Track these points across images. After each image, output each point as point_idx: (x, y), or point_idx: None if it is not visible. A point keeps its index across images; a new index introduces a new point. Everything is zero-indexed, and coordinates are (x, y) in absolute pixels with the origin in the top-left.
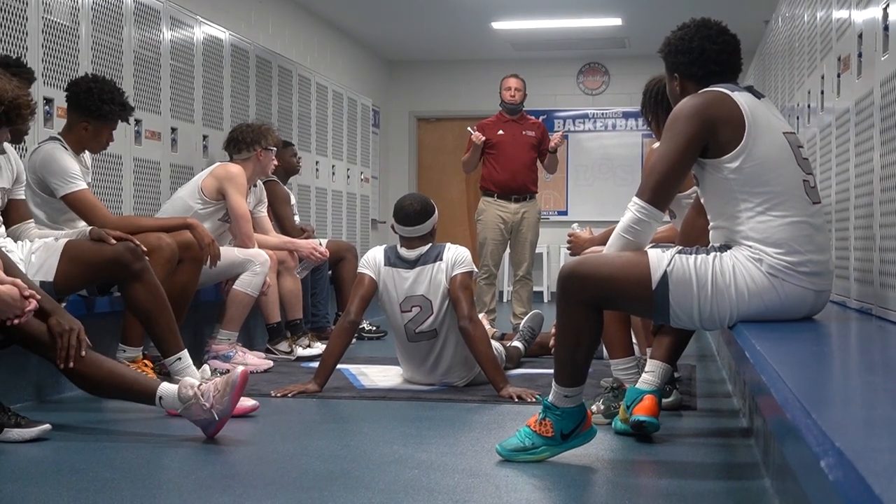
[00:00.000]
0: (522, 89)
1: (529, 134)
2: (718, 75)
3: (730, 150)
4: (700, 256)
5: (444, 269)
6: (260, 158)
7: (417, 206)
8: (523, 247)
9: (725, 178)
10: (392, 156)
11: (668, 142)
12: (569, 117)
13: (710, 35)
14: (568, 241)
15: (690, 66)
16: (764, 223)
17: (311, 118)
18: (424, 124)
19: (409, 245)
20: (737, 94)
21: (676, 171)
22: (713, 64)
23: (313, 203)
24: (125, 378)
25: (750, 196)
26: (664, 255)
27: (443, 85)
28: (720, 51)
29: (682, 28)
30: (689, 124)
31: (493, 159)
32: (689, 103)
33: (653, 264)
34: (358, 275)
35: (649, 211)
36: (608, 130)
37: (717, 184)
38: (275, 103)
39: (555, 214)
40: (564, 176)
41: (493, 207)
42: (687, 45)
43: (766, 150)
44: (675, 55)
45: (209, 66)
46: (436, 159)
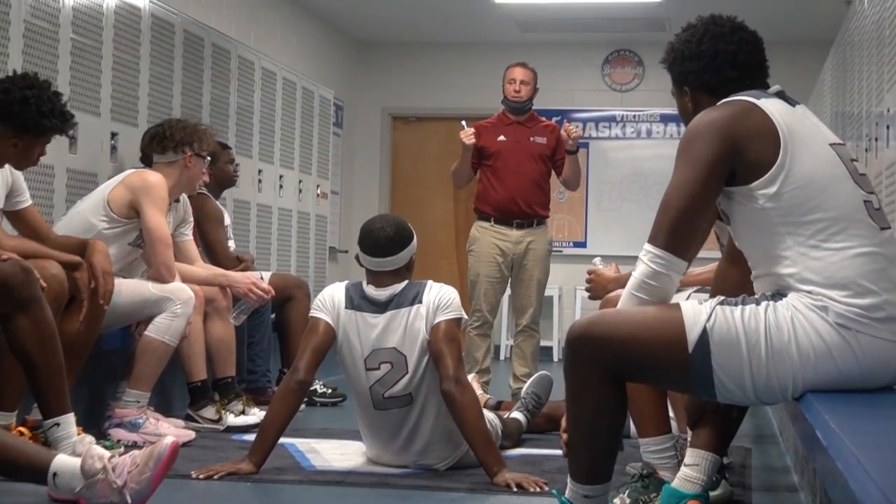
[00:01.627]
0: (531, 83)
1: (539, 140)
2: (738, 82)
3: (763, 173)
4: (748, 307)
5: (423, 315)
6: (188, 165)
7: (390, 230)
8: (528, 287)
9: (762, 208)
10: (359, 165)
11: (684, 169)
12: (590, 120)
13: (723, 33)
14: (587, 280)
15: (702, 74)
16: (821, 260)
17: (254, 113)
18: (402, 125)
19: (379, 282)
20: (765, 102)
21: (697, 206)
22: (729, 68)
23: (254, 225)
24: (5, 446)
25: (797, 228)
26: (702, 308)
27: (427, 75)
28: (737, 51)
29: (687, 29)
30: (709, 144)
31: (491, 172)
32: (706, 118)
33: (688, 320)
34: (310, 320)
35: (667, 260)
36: (641, 138)
37: (751, 218)
38: (206, 93)
39: (570, 246)
40: (583, 196)
41: (489, 235)
42: (695, 49)
43: (810, 166)
44: (682, 63)
45: (122, 42)
46: (416, 170)
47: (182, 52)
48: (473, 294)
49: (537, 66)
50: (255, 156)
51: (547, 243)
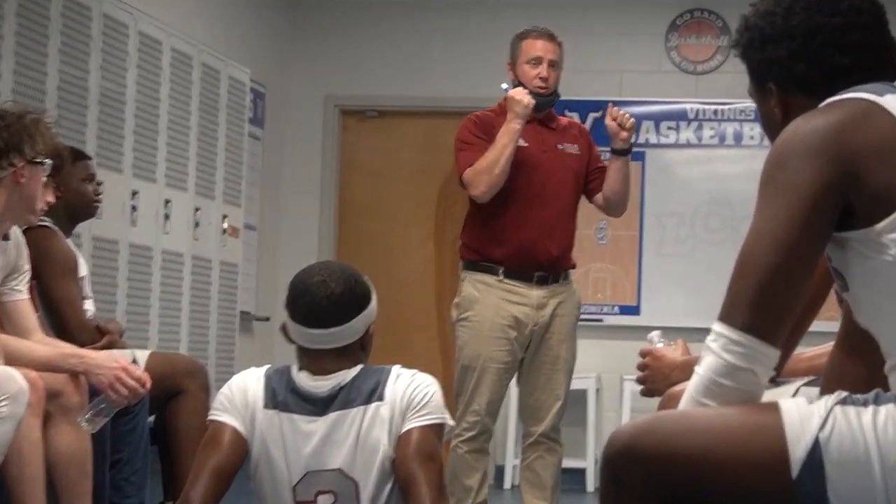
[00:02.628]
0: (561, 63)
1: (570, 150)
2: (849, 73)
3: (893, 208)
4: (885, 409)
5: (385, 419)
6: (20, 181)
7: (336, 287)
8: (551, 377)
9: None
10: (289, 184)
11: (771, 207)
12: (647, 117)
13: (823, 0)
14: (640, 366)
15: (794, 63)
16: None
17: (126, 103)
18: (356, 122)
19: (318, 367)
20: (891, 100)
21: (793, 264)
22: (836, 52)
23: (124, 276)
24: None
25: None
26: (813, 410)
27: (395, 48)
28: (846, 25)
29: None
30: (808, 168)
31: (505, 198)
32: (803, 129)
33: (791, 427)
34: (209, 425)
35: (748, 348)
36: (725, 145)
37: (879, 277)
38: (52, 70)
39: (614, 313)
40: (635, 236)
41: (495, 296)
42: (782, 26)
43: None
44: (763, 47)
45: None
46: (377, 192)
47: (15, 8)
48: (464, 387)
49: (563, 34)
50: (126, 170)
51: (576, 308)
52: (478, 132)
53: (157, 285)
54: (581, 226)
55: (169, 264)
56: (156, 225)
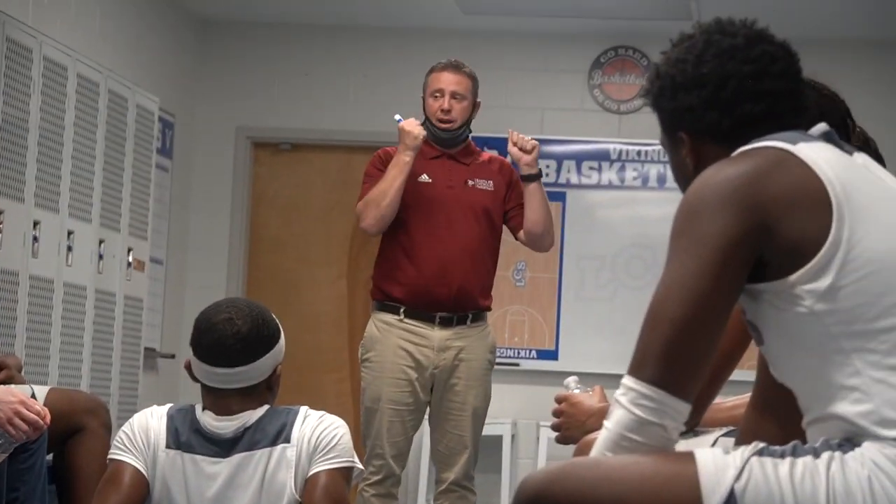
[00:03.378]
0: (469, 96)
1: (482, 185)
2: (762, 121)
3: (808, 258)
4: (802, 461)
5: (292, 461)
6: None
7: (243, 325)
8: (458, 422)
9: (810, 313)
10: (198, 217)
11: (682, 259)
12: (568, 157)
13: (735, 47)
14: (555, 412)
15: (705, 112)
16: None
17: (29, 130)
18: (269, 155)
19: (223, 407)
20: (805, 149)
21: (704, 317)
22: (748, 100)
23: (23, 309)
24: None
25: (867, 340)
26: (728, 460)
27: (310, 77)
28: (758, 73)
29: (680, 42)
30: (721, 219)
31: (404, 235)
32: (715, 178)
33: (706, 478)
34: (109, 464)
35: (658, 403)
36: (648, 187)
37: (794, 330)
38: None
39: (531, 357)
40: (554, 278)
41: (395, 336)
42: (693, 73)
43: (881, 243)
44: (675, 95)
45: None
46: (289, 228)
47: None
48: (370, 430)
49: (484, 69)
50: (28, 199)
51: (488, 351)
52: (381, 166)
53: (58, 319)
54: (499, 267)
55: (71, 298)
56: (58, 257)
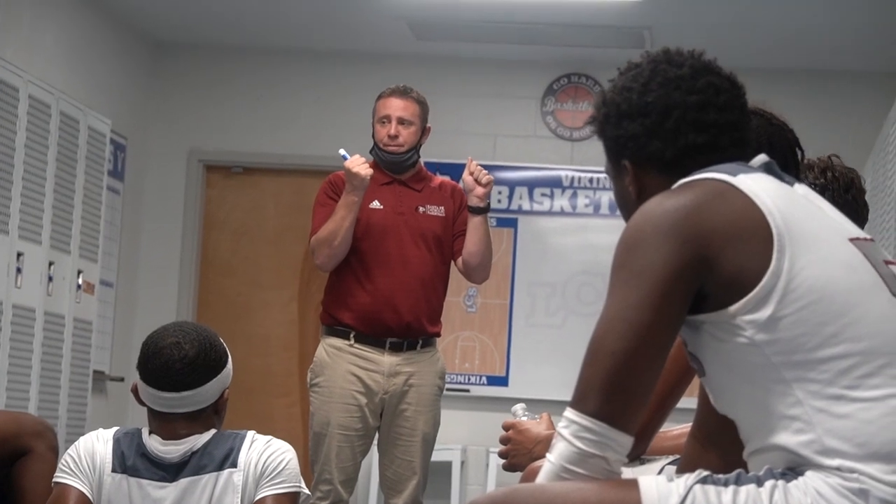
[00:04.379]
0: (417, 122)
1: (433, 212)
2: (704, 152)
3: (748, 289)
4: (745, 489)
5: (238, 486)
6: None
7: (190, 349)
8: (407, 448)
9: (750, 344)
10: (149, 240)
11: (623, 292)
12: (520, 183)
13: (680, 77)
14: (502, 439)
15: (649, 141)
16: (850, 417)
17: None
18: (221, 178)
19: (169, 431)
20: (745, 180)
21: (645, 349)
22: (691, 130)
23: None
24: None
25: (807, 370)
26: (671, 488)
27: (263, 101)
28: (702, 103)
29: (627, 70)
30: (661, 251)
31: (355, 261)
32: (656, 210)
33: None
34: (54, 488)
35: (600, 436)
36: (600, 214)
37: (735, 361)
38: None
39: (481, 383)
40: (506, 304)
41: (345, 362)
42: (637, 102)
43: (821, 274)
44: (619, 123)
45: None
46: (240, 251)
47: None
48: (318, 455)
49: (437, 95)
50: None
51: (437, 377)
52: (332, 193)
53: (6, 341)
54: (450, 293)
55: (20, 319)
56: (7, 278)
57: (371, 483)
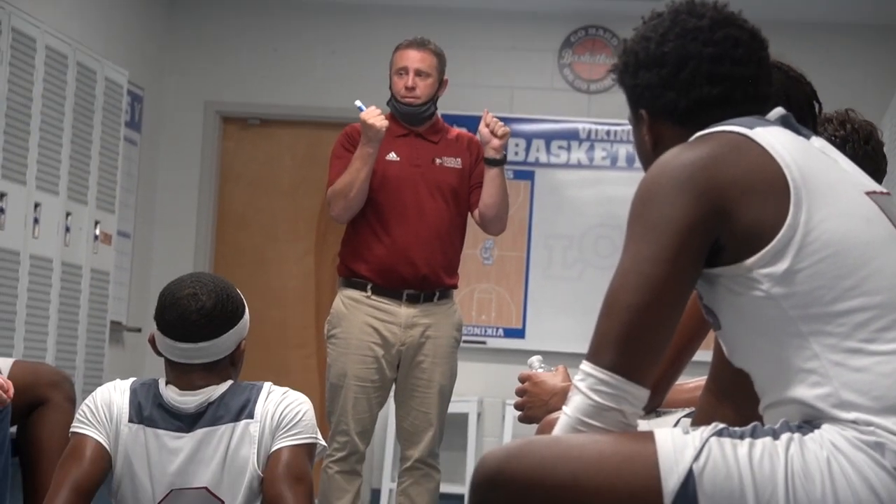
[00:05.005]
0: (434, 73)
1: (451, 163)
2: (720, 105)
3: (765, 242)
4: (761, 442)
5: (255, 437)
6: None
7: (207, 300)
8: (423, 399)
9: (767, 297)
10: (165, 192)
11: (639, 245)
12: (538, 135)
13: (698, 28)
14: (518, 391)
15: (664, 91)
16: (867, 370)
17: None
18: (237, 130)
19: (186, 382)
20: (762, 133)
21: (661, 302)
22: (705, 82)
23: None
24: None
25: (824, 323)
26: (688, 440)
27: (278, 54)
28: (718, 56)
29: (650, 19)
30: (677, 204)
31: (371, 212)
32: (672, 163)
33: (665, 457)
34: (71, 437)
35: (616, 388)
36: (617, 167)
37: (751, 314)
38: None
39: (498, 335)
40: (522, 257)
41: (362, 313)
42: (655, 52)
43: (838, 227)
44: (637, 72)
45: None
46: (256, 203)
47: None
48: (334, 407)
49: (453, 48)
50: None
51: (454, 329)
52: (349, 145)
53: (23, 291)
54: (466, 245)
55: (37, 270)
56: (24, 229)
57: (387, 434)
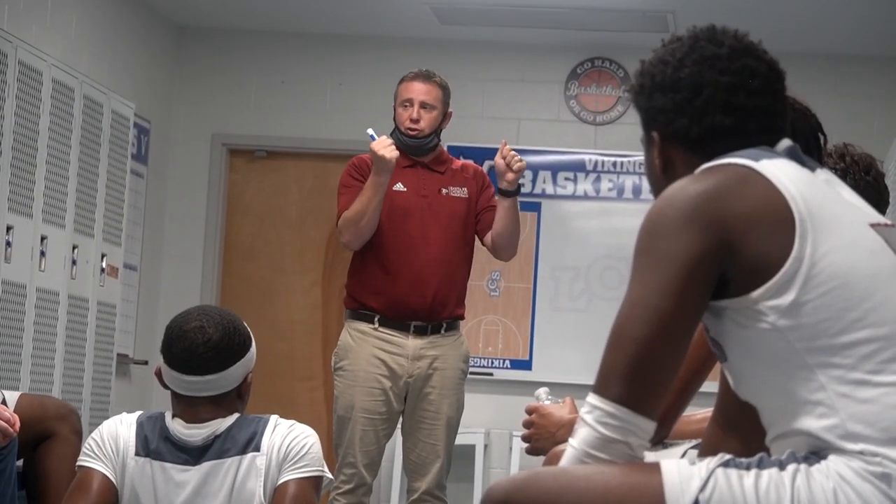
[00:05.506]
0: (439, 106)
1: (456, 193)
2: (732, 135)
3: (770, 275)
4: (767, 473)
5: (262, 470)
6: None
7: (214, 333)
8: (431, 432)
9: (773, 329)
10: (173, 224)
11: (646, 277)
12: (544, 167)
13: (717, 56)
14: (525, 423)
15: (677, 116)
16: (874, 402)
17: (4, 135)
18: (244, 162)
19: (193, 415)
20: (767, 165)
21: (668, 335)
22: (719, 112)
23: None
24: None
25: (831, 355)
26: (694, 471)
27: (287, 84)
28: (734, 86)
29: (670, 42)
30: (684, 237)
31: (378, 244)
32: (679, 196)
33: (671, 488)
34: (78, 471)
35: (623, 421)
36: (624, 198)
37: (757, 346)
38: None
39: (504, 367)
40: (529, 288)
41: (369, 345)
42: (671, 76)
43: (844, 260)
44: (652, 94)
45: None
46: (263, 234)
47: None
48: (341, 439)
49: (461, 79)
50: (1, 204)
51: (461, 361)
52: (357, 175)
53: (30, 325)
54: (473, 276)
55: (43, 303)
56: (31, 262)
57: (395, 467)
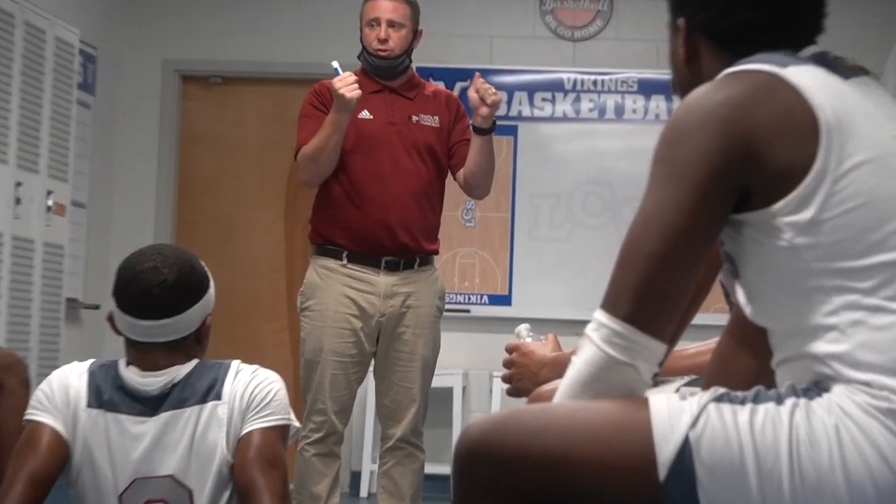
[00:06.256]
0: (408, 24)
1: (427, 121)
2: (761, 34)
3: (791, 188)
4: (763, 408)
5: (223, 420)
6: None
7: (169, 273)
8: (406, 374)
9: (789, 247)
10: (123, 158)
11: (662, 188)
12: (520, 87)
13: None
14: (506, 363)
15: (707, 8)
16: (887, 330)
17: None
18: (198, 89)
19: (148, 362)
20: (794, 72)
21: (684, 251)
22: (749, 8)
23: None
24: None
25: (848, 278)
26: (684, 406)
27: (241, 6)
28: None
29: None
30: (704, 145)
31: (344, 175)
32: (701, 103)
33: (659, 424)
34: (27, 424)
35: (631, 341)
36: (605, 119)
37: (772, 264)
38: None
39: (482, 303)
40: (507, 218)
41: (338, 283)
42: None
43: (871, 177)
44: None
45: None
46: (220, 167)
47: None
48: (310, 384)
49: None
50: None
51: (437, 297)
52: (319, 104)
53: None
54: (446, 207)
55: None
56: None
57: (367, 413)
